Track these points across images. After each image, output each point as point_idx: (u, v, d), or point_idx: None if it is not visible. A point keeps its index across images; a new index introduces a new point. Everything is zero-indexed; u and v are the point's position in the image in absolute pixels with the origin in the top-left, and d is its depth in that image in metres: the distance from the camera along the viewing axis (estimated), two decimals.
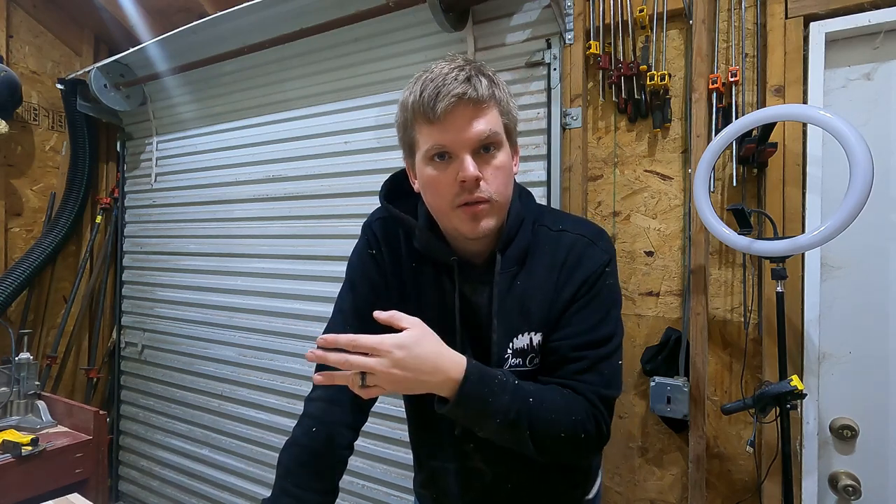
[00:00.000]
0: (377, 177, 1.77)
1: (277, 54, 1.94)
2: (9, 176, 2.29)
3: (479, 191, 0.70)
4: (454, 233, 0.77)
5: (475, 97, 0.69)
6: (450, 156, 0.71)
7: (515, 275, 0.78)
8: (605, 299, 0.77)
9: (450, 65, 0.71)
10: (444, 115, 0.68)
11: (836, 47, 1.25)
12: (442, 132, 0.70)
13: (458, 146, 0.70)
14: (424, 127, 0.72)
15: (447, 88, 0.68)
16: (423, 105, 0.69)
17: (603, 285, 0.77)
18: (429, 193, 0.76)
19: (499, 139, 0.72)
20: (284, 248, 2.00)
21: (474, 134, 0.69)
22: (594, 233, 0.80)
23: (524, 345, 0.77)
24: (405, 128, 0.76)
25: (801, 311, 1.24)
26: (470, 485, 0.86)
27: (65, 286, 2.49)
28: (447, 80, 0.69)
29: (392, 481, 1.74)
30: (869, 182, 0.94)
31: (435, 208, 0.76)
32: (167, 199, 2.38)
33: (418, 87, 0.71)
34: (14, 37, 2.29)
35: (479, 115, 0.70)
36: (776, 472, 1.21)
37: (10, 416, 1.87)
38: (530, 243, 0.79)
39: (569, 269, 0.77)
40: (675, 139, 1.38)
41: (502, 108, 0.73)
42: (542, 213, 0.83)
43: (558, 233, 0.80)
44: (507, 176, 0.74)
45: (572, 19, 1.45)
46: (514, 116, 0.77)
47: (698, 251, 1.32)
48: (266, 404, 2.02)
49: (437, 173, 0.72)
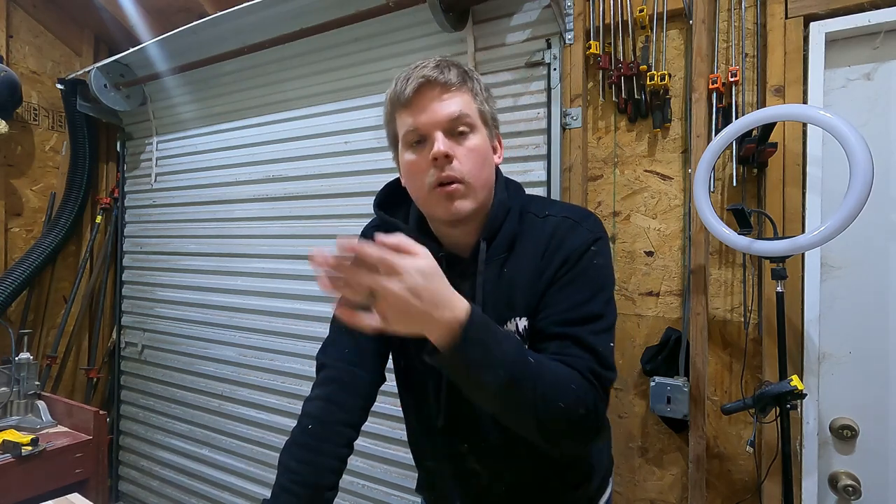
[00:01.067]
0: (377, 177, 1.77)
1: (277, 54, 1.94)
2: (9, 176, 2.29)
3: (450, 168, 0.71)
4: (437, 222, 0.79)
5: (442, 80, 0.72)
6: (424, 139, 0.73)
7: (503, 262, 0.78)
8: (591, 278, 0.74)
9: (427, 60, 0.76)
10: (413, 96, 0.73)
11: (836, 47, 1.25)
12: (413, 114, 0.73)
13: (429, 126, 0.72)
14: (399, 114, 0.75)
15: (416, 73, 0.73)
16: (396, 93, 0.75)
17: (588, 264, 0.74)
18: (409, 179, 0.78)
19: (470, 121, 0.74)
20: (284, 248, 2.00)
21: (443, 114, 0.72)
22: (580, 215, 0.79)
23: (513, 331, 0.77)
24: (388, 122, 0.80)
25: (801, 310, 1.24)
26: (466, 486, 0.86)
27: (65, 286, 2.49)
28: (417, 67, 0.74)
29: (393, 481, 1.74)
30: (869, 182, 0.94)
31: (416, 195, 0.78)
32: (167, 199, 2.38)
33: (394, 80, 0.76)
34: (14, 37, 2.29)
35: (447, 97, 0.73)
36: (776, 472, 1.21)
37: (10, 416, 1.87)
38: (517, 231, 0.79)
39: (552, 249, 0.76)
40: (675, 139, 1.39)
41: (476, 96, 0.76)
42: (529, 201, 0.84)
43: (544, 218, 0.80)
44: (480, 158, 0.75)
45: (572, 19, 1.45)
46: (490, 107, 0.78)
47: (698, 251, 1.32)
48: (266, 404, 2.02)
49: (415, 157, 0.74)
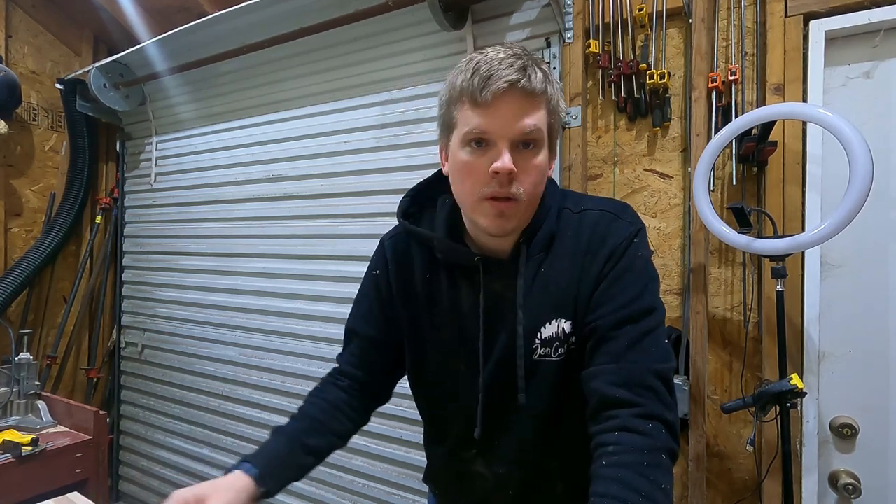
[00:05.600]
0: (377, 176, 1.77)
1: (277, 54, 1.94)
2: (8, 176, 2.29)
3: (510, 186, 0.67)
4: (475, 227, 0.75)
5: (528, 88, 0.65)
6: (487, 143, 0.67)
7: (541, 262, 0.75)
8: (638, 272, 0.71)
9: (507, 51, 0.67)
10: (493, 99, 0.65)
11: (836, 45, 1.25)
12: (486, 117, 0.66)
13: (499, 135, 0.66)
14: (469, 109, 0.68)
15: (501, 73, 0.64)
16: (472, 86, 0.66)
17: (634, 256, 0.71)
18: (458, 179, 0.72)
19: (541, 137, 0.68)
20: (284, 248, 2.00)
21: (519, 126, 0.66)
22: (618, 207, 0.77)
23: (552, 333, 0.74)
24: (448, 105, 0.72)
25: (801, 309, 1.24)
26: (472, 488, 0.86)
27: (65, 286, 2.49)
28: (503, 64, 0.65)
29: (393, 480, 1.74)
30: (869, 180, 0.94)
31: (461, 196, 0.74)
32: (167, 198, 2.38)
33: (470, 68, 0.67)
34: (13, 37, 2.29)
35: (528, 108, 0.66)
36: (776, 471, 1.21)
37: (10, 416, 1.87)
38: (555, 229, 0.76)
39: (595, 246, 0.72)
40: (675, 138, 1.38)
41: (551, 107, 0.70)
42: (564, 196, 0.81)
43: (581, 213, 0.76)
44: (541, 176, 0.70)
45: (571, 18, 1.45)
46: (560, 118, 0.73)
47: (698, 250, 1.32)
48: (267, 404, 2.02)
49: (472, 158, 0.68)
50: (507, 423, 0.79)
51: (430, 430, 0.92)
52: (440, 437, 0.89)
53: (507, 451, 0.81)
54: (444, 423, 0.87)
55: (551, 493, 0.83)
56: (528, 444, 0.79)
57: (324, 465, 2.02)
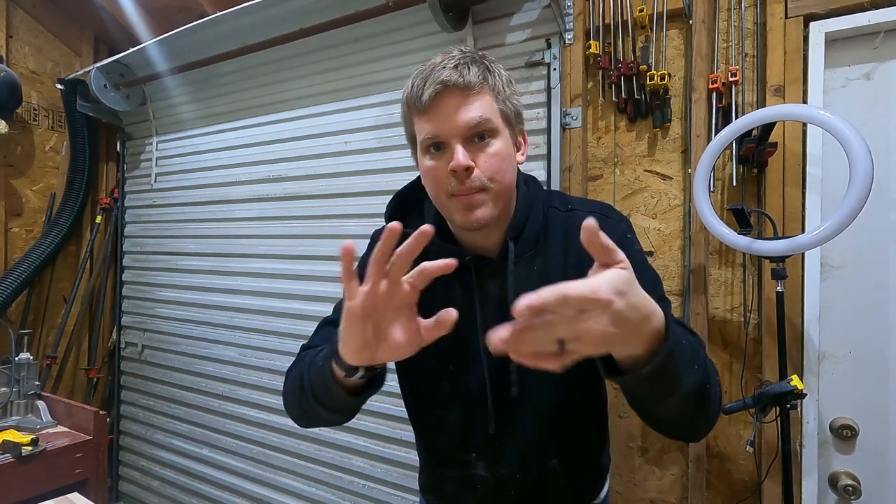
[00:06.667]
0: (377, 177, 1.77)
1: (277, 54, 1.94)
2: (9, 176, 2.29)
3: (469, 181, 0.69)
4: (455, 227, 0.77)
5: (461, 84, 0.68)
6: (443, 146, 0.70)
7: (532, 259, 0.77)
8: (640, 264, 0.72)
9: (443, 56, 0.71)
10: (431, 103, 0.68)
11: (836, 47, 1.25)
12: (432, 122, 0.70)
13: (448, 135, 0.69)
14: (417, 118, 0.72)
15: (433, 77, 0.68)
16: (414, 96, 0.70)
17: (631, 251, 0.73)
18: (428, 185, 0.76)
19: (492, 126, 0.70)
20: (285, 248, 2.00)
21: (463, 122, 0.68)
22: (605, 208, 0.81)
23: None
24: (405, 120, 0.77)
25: (801, 310, 1.24)
26: (472, 492, 0.85)
27: (65, 286, 2.49)
28: (435, 69, 0.69)
29: (393, 481, 1.74)
30: (869, 182, 0.94)
31: (435, 201, 0.76)
32: (167, 199, 2.38)
33: (411, 80, 0.71)
34: (14, 37, 2.29)
35: (468, 102, 0.68)
36: (776, 472, 1.21)
37: (10, 416, 1.87)
38: (542, 227, 0.78)
39: None
40: (675, 139, 1.38)
41: (497, 95, 0.71)
42: (549, 196, 0.83)
43: (568, 213, 0.79)
44: (503, 163, 0.71)
45: (572, 19, 1.45)
46: (513, 104, 0.74)
47: (698, 251, 1.32)
48: (267, 404, 2.02)
49: (433, 163, 0.72)
50: (510, 421, 0.80)
51: (426, 436, 0.92)
52: (436, 444, 0.89)
53: (509, 452, 0.81)
54: (440, 428, 0.86)
55: (552, 492, 0.83)
56: (530, 442, 0.79)
57: (323, 466, 2.01)
